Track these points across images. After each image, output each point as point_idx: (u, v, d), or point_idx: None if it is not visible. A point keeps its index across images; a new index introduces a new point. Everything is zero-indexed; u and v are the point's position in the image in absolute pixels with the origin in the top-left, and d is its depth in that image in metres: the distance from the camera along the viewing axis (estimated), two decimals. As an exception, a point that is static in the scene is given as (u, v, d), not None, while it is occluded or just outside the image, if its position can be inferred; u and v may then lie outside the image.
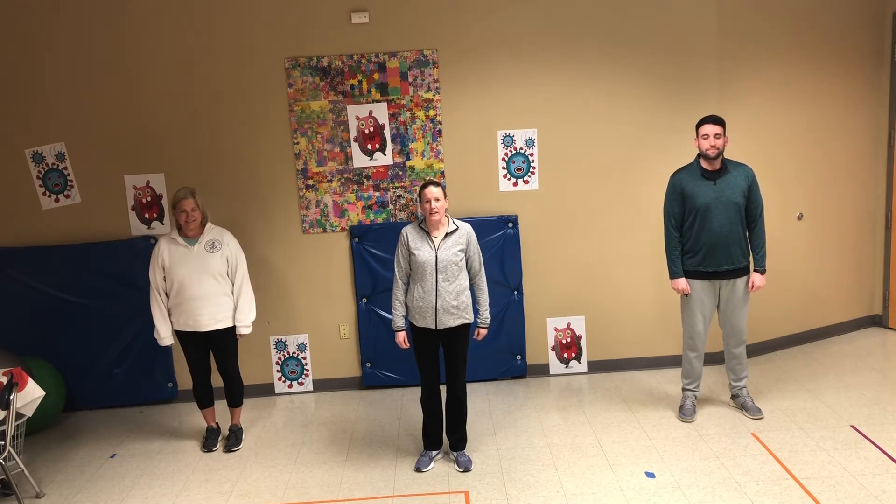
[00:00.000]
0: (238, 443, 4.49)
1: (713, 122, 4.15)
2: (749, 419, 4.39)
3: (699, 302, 4.34)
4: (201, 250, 4.25)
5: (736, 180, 4.18)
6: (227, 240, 4.34)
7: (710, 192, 4.17)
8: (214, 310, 4.26)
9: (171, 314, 4.31)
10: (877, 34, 5.58)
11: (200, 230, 4.30)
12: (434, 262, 3.84)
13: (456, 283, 3.87)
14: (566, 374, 5.37)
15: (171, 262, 4.22)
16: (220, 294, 4.27)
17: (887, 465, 3.77)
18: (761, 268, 4.32)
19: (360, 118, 5.03)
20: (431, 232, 3.90)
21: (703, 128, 4.17)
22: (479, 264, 3.98)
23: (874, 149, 5.75)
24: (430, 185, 3.87)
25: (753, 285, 4.30)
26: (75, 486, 4.10)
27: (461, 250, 3.89)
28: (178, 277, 4.21)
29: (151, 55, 4.92)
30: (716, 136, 4.12)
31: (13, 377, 3.86)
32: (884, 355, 5.37)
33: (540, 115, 5.07)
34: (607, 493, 3.69)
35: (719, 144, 4.13)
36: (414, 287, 3.91)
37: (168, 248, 4.25)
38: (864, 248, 5.86)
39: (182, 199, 4.20)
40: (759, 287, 4.31)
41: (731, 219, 4.17)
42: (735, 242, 4.21)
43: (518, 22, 4.96)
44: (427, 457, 4.08)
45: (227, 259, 4.30)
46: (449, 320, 3.87)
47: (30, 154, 5.02)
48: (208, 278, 4.23)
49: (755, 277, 4.31)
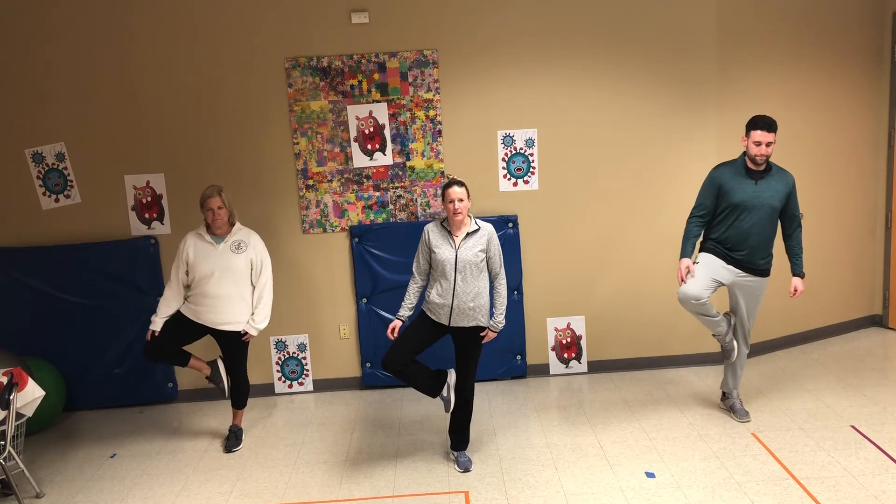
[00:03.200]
0: (238, 443, 4.49)
1: (767, 129, 3.99)
2: (737, 422, 4.38)
3: (710, 265, 4.19)
4: (226, 249, 4.25)
5: (777, 184, 4.09)
6: (253, 242, 4.34)
7: (750, 190, 4.08)
8: (229, 311, 4.26)
9: (185, 301, 4.32)
10: (877, 34, 5.58)
11: (228, 229, 4.31)
12: (454, 261, 3.81)
13: (475, 284, 3.83)
14: (566, 374, 5.37)
15: (196, 257, 4.23)
16: (237, 297, 4.27)
17: (887, 465, 3.77)
18: (800, 273, 4.29)
19: (360, 118, 5.03)
20: (453, 231, 3.86)
21: (756, 133, 4.01)
22: (499, 266, 3.92)
23: (874, 149, 5.75)
24: (454, 185, 3.82)
25: (796, 291, 4.27)
26: (75, 486, 4.10)
27: (482, 251, 3.84)
28: (199, 273, 4.22)
29: (151, 55, 4.92)
30: (768, 144, 4.00)
31: (13, 377, 3.86)
32: (884, 355, 5.37)
33: (540, 115, 5.07)
34: (607, 493, 3.69)
35: (769, 153, 4.03)
36: (433, 284, 3.90)
37: (195, 243, 4.27)
38: (864, 248, 5.86)
39: (208, 197, 4.22)
40: (801, 292, 4.29)
41: (764, 221, 4.10)
42: (762, 244, 4.15)
43: (518, 22, 4.96)
44: (447, 392, 3.95)
45: (251, 261, 4.30)
46: (463, 321, 3.85)
47: (30, 154, 5.02)
48: (229, 279, 4.23)
49: (796, 282, 4.28)
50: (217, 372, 4.45)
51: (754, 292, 4.27)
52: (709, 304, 4.16)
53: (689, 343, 5.35)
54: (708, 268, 4.18)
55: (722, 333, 4.28)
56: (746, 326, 4.35)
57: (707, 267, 4.18)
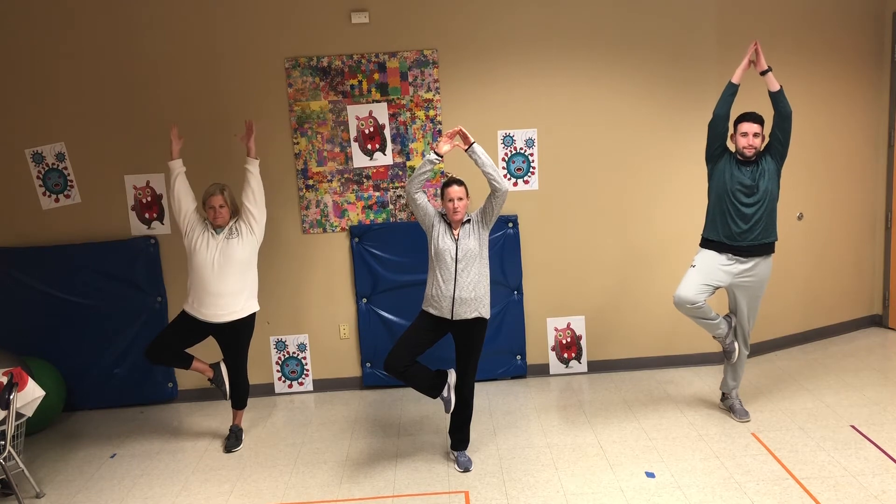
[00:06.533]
0: (238, 443, 4.49)
1: (753, 121, 4.02)
2: (737, 422, 4.39)
3: (707, 269, 4.14)
4: (223, 239, 4.25)
5: (768, 165, 4.08)
6: (242, 217, 4.35)
7: (747, 180, 4.07)
8: (232, 304, 4.26)
9: (188, 297, 4.31)
10: (877, 34, 5.58)
11: (229, 222, 4.34)
12: (455, 252, 3.85)
13: (473, 273, 3.87)
14: (566, 374, 5.37)
15: (199, 242, 4.23)
16: (237, 293, 4.27)
17: (887, 465, 3.77)
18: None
19: (360, 118, 5.03)
20: (454, 228, 3.93)
21: (743, 125, 4.04)
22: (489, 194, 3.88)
23: (874, 149, 5.75)
24: (453, 184, 3.87)
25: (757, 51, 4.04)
26: (75, 486, 4.10)
27: (476, 227, 3.90)
28: (199, 263, 4.21)
29: (152, 55, 4.92)
30: (755, 135, 4.01)
31: (13, 377, 3.86)
32: (884, 355, 5.37)
33: (540, 115, 5.07)
34: (607, 493, 3.69)
35: (757, 143, 4.03)
36: (433, 275, 3.92)
37: (201, 224, 4.28)
38: (864, 248, 5.86)
39: (211, 195, 4.23)
40: (761, 54, 4.04)
41: (764, 207, 4.07)
42: (764, 227, 4.10)
43: (518, 22, 4.96)
44: (448, 392, 3.95)
45: (241, 229, 4.27)
46: (465, 312, 3.86)
47: (30, 154, 5.02)
48: (230, 270, 4.22)
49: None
50: (219, 374, 4.46)
51: (754, 293, 4.27)
52: (706, 307, 4.15)
53: (689, 343, 5.35)
54: (703, 272, 4.16)
55: (722, 335, 4.28)
56: (746, 327, 4.35)
57: (702, 272, 4.17)
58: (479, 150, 3.87)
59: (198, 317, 4.27)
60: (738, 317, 4.32)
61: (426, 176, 3.89)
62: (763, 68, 4.04)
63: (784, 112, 4.02)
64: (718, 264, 4.17)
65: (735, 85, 4.09)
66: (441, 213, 3.98)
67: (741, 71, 4.08)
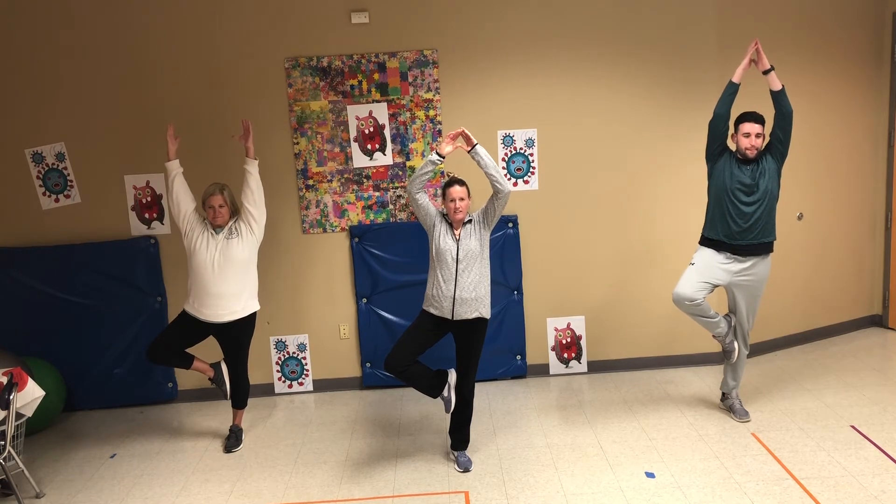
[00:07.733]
0: (238, 443, 4.49)
1: (754, 121, 4.02)
2: (737, 422, 4.39)
3: (705, 267, 4.14)
4: (223, 239, 4.25)
5: (768, 164, 4.08)
6: (241, 217, 4.34)
7: (747, 179, 4.07)
8: (232, 304, 4.26)
9: (188, 297, 4.31)
10: (877, 34, 5.58)
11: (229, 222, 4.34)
12: (456, 252, 3.86)
13: (474, 273, 3.87)
14: (566, 374, 5.37)
15: (199, 243, 4.23)
16: (237, 293, 4.26)
17: (887, 465, 3.77)
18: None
19: (360, 118, 5.03)
20: (455, 228, 3.93)
21: (744, 125, 4.04)
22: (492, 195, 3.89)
23: (874, 149, 5.75)
24: (454, 184, 3.87)
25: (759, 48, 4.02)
26: (75, 486, 4.10)
27: (477, 228, 3.91)
28: (199, 263, 4.20)
29: (151, 55, 4.92)
30: (757, 135, 4.01)
31: (13, 377, 3.86)
32: (884, 355, 5.37)
33: (540, 115, 5.07)
34: (607, 493, 3.69)
35: (759, 144, 4.03)
36: (434, 275, 3.92)
37: (200, 224, 4.27)
38: (864, 248, 5.86)
39: (210, 195, 4.23)
40: (762, 54, 4.01)
41: (764, 206, 4.07)
42: (763, 227, 4.11)
43: (518, 22, 4.96)
44: (448, 392, 3.95)
45: (241, 229, 4.27)
46: (465, 312, 3.86)
47: (30, 154, 5.02)
48: (230, 270, 4.22)
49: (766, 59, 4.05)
50: (220, 374, 4.46)
51: (753, 292, 4.27)
52: (705, 305, 4.15)
53: (689, 343, 5.35)
54: (702, 270, 4.17)
55: (722, 335, 4.28)
56: (746, 327, 4.35)
57: (701, 269, 4.17)
58: (482, 152, 3.87)
59: (198, 317, 4.27)
60: (738, 316, 4.33)
61: (427, 176, 3.89)
62: (765, 67, 4.03)
63: (785, 111, 4.02)
64: (717, 262, 4.17)
65: (735, 84, 4.09)
66: (442, 213, 3.98)
67: (741, 70, 4.08)
